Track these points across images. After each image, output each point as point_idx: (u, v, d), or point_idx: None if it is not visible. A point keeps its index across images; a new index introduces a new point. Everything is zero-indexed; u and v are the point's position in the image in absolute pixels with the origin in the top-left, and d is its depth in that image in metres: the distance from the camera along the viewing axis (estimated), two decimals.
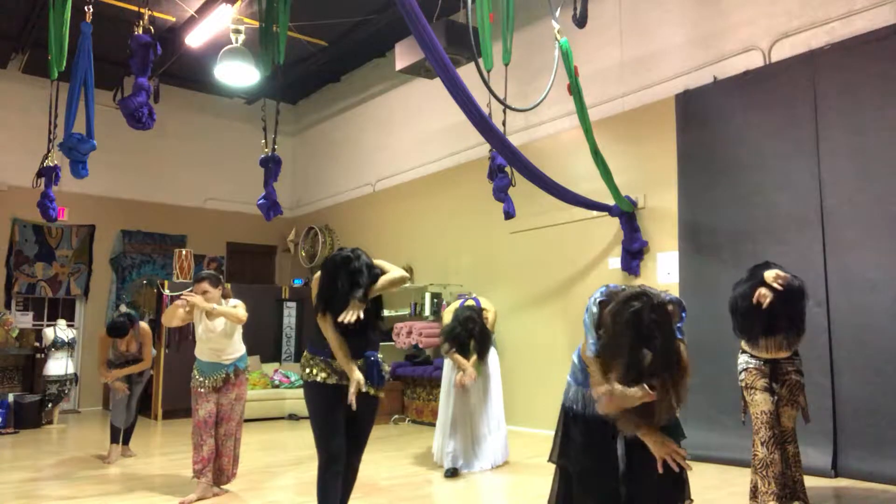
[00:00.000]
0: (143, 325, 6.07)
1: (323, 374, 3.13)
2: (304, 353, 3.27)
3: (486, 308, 5.72)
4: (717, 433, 5.55)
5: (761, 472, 3.88)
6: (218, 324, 4.61)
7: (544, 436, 6.81)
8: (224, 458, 4.67)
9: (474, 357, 5.49)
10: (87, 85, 4.48)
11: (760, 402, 3.94)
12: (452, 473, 5.31)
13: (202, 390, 4.57)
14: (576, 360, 2.67)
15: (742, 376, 4.09)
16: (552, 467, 2.75)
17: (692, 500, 2.62)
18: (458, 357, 5.44)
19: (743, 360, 4.11)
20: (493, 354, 5.79)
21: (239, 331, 4.77)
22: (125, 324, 5.83)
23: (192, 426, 4.58)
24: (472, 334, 5.42)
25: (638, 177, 6.74)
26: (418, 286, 8.96)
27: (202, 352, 4.66)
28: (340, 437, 3.12)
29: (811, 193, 5.49)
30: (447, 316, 5.70)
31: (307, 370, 3.17)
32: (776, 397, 3.98)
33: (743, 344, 4.15)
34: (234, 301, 4.70)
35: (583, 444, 2.59)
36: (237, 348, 4.74)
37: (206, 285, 4.56)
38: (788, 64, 5.80)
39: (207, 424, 4.55)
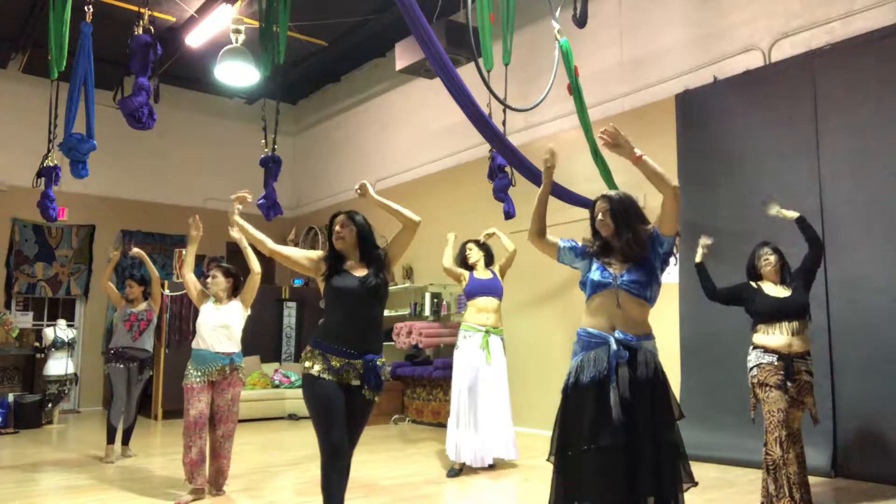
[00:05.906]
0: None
1: (318, 368, 3.11)
2: (306, 347, 3.27)
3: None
4: (716, 433, 5.55)
5: (773, 474, 3.74)
6: (225, 311, 4.70)
7: (545, 436, 6.80)
8: (223, 459, 4.66)
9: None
10: (87, 85, 4.47)
11: (777, 400, 3.80)
12: (454, 473, 5.31)
13: (196, 385, 4.54)
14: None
15: (754, 372, 3.94)
16: (553, 467, 2.76)
17: (696, 483, 2.64)
18: None
19: (755, 356, 3.97)
20: (499, 349, 5.77)
21: (240, 327, 4.81)
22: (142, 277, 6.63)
23: (183, 427, 4.56)
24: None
25: (638, 177, 6.62)
26: (418, 286, 8.96)
27: (200, 340, 4.65)
28: (340, 430, 3.10)
29: (811, 193, 5.49)
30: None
31: (305, 363, 3.17)
32: (788, 396, 3.85)
33: (755, 338, 4.03)
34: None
35: (581, 412, 2.65)
36: (236, 343, 4.75)
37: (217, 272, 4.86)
38: (788, 64, 5.80)
39: (198, 425, 4.52)
